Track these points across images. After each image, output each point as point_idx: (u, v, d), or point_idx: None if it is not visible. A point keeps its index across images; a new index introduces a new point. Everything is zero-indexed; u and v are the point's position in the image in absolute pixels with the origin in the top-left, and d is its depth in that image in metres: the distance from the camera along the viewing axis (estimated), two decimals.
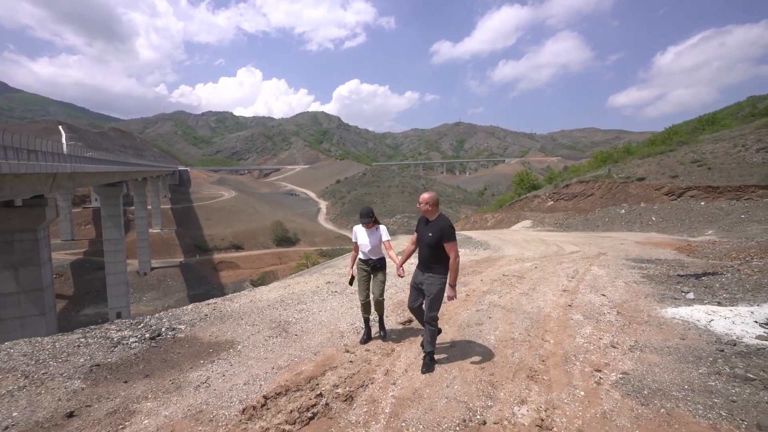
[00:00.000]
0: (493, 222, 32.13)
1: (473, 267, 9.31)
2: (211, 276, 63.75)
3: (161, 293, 56.47)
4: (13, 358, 3.37)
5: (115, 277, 46.02)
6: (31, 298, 23.53)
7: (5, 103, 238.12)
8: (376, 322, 4.51)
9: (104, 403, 2.81)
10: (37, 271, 23.59)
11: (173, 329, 4.21)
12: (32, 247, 23.52)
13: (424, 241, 3.64)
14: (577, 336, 4.27)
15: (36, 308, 23.58)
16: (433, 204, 3.63)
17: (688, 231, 17.71)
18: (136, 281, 56.83)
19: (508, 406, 2.82)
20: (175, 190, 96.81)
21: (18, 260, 23.10)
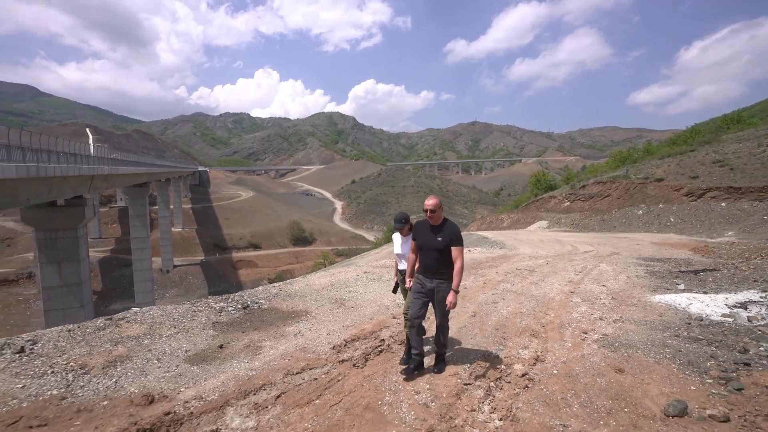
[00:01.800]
0: (509, 222, 32.68)
1: (489, 262, 10.34)
2: (230, 274, 65.38)
3: (183, 290, 58.36)
4: (155, 317, 4.65)
5: (141, 273, 48.16)
6: (72, 292, 25.33)
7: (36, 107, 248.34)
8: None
9: (238, 342, 4.05)
10: (77, 267, 25.39)
11: (257, 303, 5.45)
12: (73, 244, 25.32)
13: (431, 246, 3.52)
14: (573, 312, 5.34)
15: (76, 301, 25.39)
16: (439, 209, 3.56)
17: (707, 232, 17.75)
18: (159, 278, 58.93)
19: (515, 350, 3.97)
20: (195, 190, 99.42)
21: (61, 256, 24.92)
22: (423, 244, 3.59)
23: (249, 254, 71.22)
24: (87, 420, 2.53)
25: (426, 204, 3.59)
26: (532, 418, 2.73)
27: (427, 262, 3.57)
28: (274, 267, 68.76)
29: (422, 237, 3.62)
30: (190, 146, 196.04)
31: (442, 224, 3.58)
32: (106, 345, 3.89)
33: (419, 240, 3.64)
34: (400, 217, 4.01)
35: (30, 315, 44.98)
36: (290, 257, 72.42)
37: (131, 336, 4.15)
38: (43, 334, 4.09)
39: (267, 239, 76.67)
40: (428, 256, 3.55)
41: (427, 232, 3.60)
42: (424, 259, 3.60)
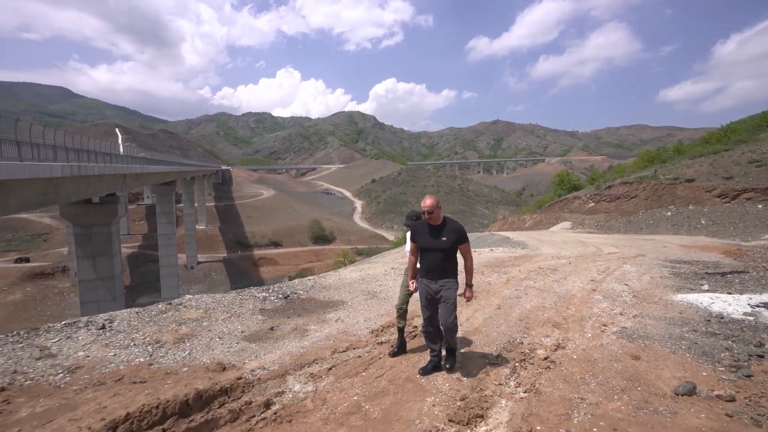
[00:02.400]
0: (531, 223, 32.47)
1: (512, 261, 10.60)
2: (251, 271, 66.67)
3: (207, 286, 59.94)
4: (208, 303, 5.22)
5: (167, 269, 49.78)
6: (105, 285, 26.64)
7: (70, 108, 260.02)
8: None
9: (285, 326, 4.56)
10: (110, 261, 26.69)
11: (296, 293, 5.97)
12: (107, 240, 26.61)
13: (435, 247, 3.41)
14: (594, 307, 5.62)
15: (109, 294, 26.69)
16: (437, 208, 3.44)
17: (741, 235, 17.25)
18: (184, 274, 60.77)
19: (538, 338, 4.32)
20: (218, 189, 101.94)
21: (95, 251, 26.25)
22: (426, 246, 3.47)
23: (270, 252, 72.48)
24: (176, 380, 3.04)
25: (423, 205, 3.46)
26: (554, 391, 3.09)
27: (431, 264, 3.46)
28: (294, 265, 69.79)
29: (423, 239, 3.48)
30: (214, 145, 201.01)
31: (443, 224, 3.47)
32: (171, 325, 4.45)
33: (421, 242, 3.51)
34: (411, 214, 3.92)
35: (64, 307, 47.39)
36: (310, 255, 73.40)
37: (191, 318, 4.70)
38: (117, 315, 4.69)
39: (288, 237, 77.99)
40: (433, 258, 3.44)
41: (428, 233, 3.46)
42: (427, 261, 3.49)
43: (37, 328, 4.17)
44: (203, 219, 77.26)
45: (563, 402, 2.93)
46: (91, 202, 26.12)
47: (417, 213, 3.85)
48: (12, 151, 14.56)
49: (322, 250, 75.15)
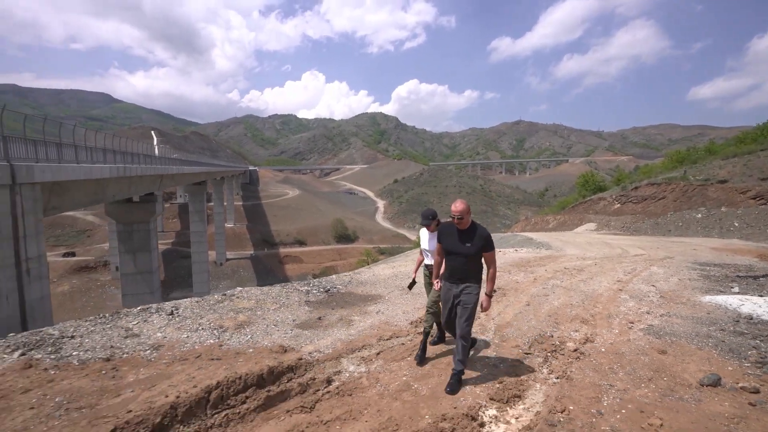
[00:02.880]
0: (554, 224, 32.20)
1: (537, 262, 10.74)
2: (277, 269, 68.18)
3: (235, 282, 61.71)
4: (258, 295, 5.73)
5: (199, 265, 51.57)
6: (144, 279, 28.12)
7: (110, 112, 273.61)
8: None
9: (331, 316, 5.01)
10: (149, 256, 28.16)
11: (335, 288, 6.42)
12: (146, 236, 28.07)
13: (459, 251, 3.40)
14: (621, 306, 5.81)
15: (148, 287, 28.16)
16: (467, 214, 3.41)
17: None
18: (213, 270, 62.73)
19: (567, 332, 4.60)
20: (245, 189, 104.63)
21: (135, 247, 27.74)
22: (451, 249, 3.47)
23: (295, 250, 73.87)
24: (246, 359, 3.50)
25: (453, 209, 3.43)
26: (584, 378, 3.38)
27: (454, 268, 3.47)
28: (318, 263, 70.94)
29: (449, 242, 3.47)
30: (241, 146, 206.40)
31: (470, 229, 3.43)
32: (230, 313, 4.96)
33: (446, 245, 3.50)
34: (427, 213, 4.01)
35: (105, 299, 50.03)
36: (334, 254, 74.43)
37: (245, 308, 5.21)
38: (181, 303, 5.24)
39: (312, 236, 79.32)
40: (455, 262, 3.45)
41: (455, 236, 3.45)
42: (450, 265, 3.50)
43: (118, 312, 4.76)
44: (231, 217, 79.53)
45: (593, 387, 3.22)
46: (131, 201, 27.56)
47: (433, 212, 4.00)
48: (70, 155, 15.76)
49: (345, 249, 76.07)
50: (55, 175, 14.47)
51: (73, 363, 3.37)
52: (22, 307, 12.98)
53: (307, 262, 71.87)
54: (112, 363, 3.33)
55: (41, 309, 13.93)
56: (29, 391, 2.80)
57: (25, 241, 12.93)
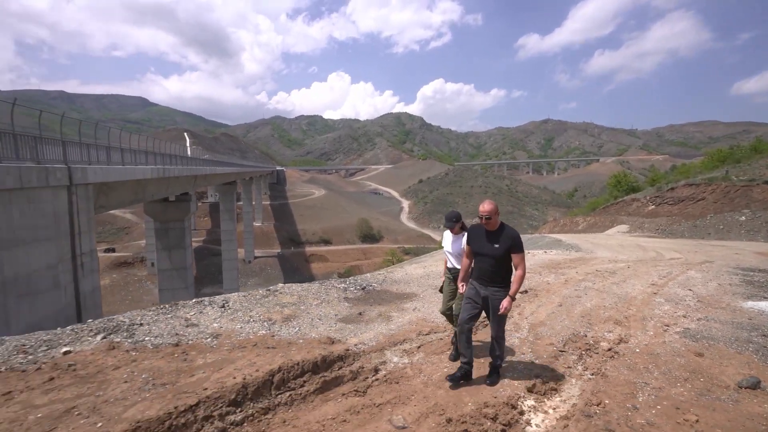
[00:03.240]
0: (584, 226, 31.50)
1: (567, 264, 10.67)
2: (303, 267, 69.35)
3: (263, 280, 63.14)
4: (299, 291, 6.10)
5: (229, 263, 53.20)
6: (179, 275, 29.40)
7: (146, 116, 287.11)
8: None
9: (371, 312, 5.31)
10: (184, 253, 29.43)
11: (371, 285, 6.72)
12: (181, 234, 29.35)
13: (487, 253, 3.38)
14: (656, 309, 5.81)
15: (182, 282, 29.44)
16: (495, 214, 3.39)
17: None
18: (242, 268, 64.37)
19: (600, 332, 4.70)
20: (273, 188, 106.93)
21: (171, 244, 29.05)
22: (478, 251, 3.46)
23: (320, 249, 74.87)
24: (298, 348, 3.83)
25: (481, 210, 3.42)
26: (619, 376, 3.51)
27: (482, 269, 3.45)
28: (343, 262, 71.70)
29: (477, 243, 3.47)
30: (269, 147, 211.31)
31: (499, 230, 3.41)
32: (276, 307, 5.33)
33: (474, 246, 3.50)
34: (450, 215, 3.96)
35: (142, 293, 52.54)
36: (359, 253, 75.04)
37: (289, 302, 5.57)
38: (229, 297, 5.66)
39: (337, 235, 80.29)
40: (484, 263, 3.43)
41: (483, 238, 3.44)
42: (479, 266, 3.49)
43: (176, 304, 5.21)
44: (259, 216, 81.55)
45: (628, 384, 3.35)
46: (167, 201, 28.87)
47: (456, 214, 3.95)
48: (117, 157, 16.81)
49: (370, 249, 76.59)
50: (104, 176, 15.47)
51: (148, 346, 3.79)
52: (77, 298, 13.96)
53: (332, 261, 72.76)
54: (180, 348, 3.73)
55: (93, 300, 14.93)
56: (119, 368, 3.21)
57: (80, 237, 13.89)
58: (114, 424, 2.39)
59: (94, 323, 4.40)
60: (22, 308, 11.05)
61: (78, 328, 4.26)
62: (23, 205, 11.18)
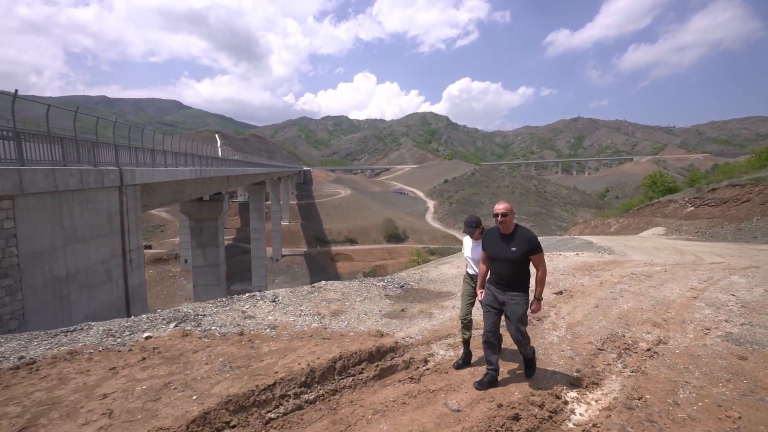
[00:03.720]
0: (617, 227, 30.65)
1: (601, 266, 10.56)
2: (329, 266, 70.31)
3: (289, 277, 64.51)
4: (342, 288, 6.47)
5: (257, 260, 54.67)
6: (212, 271, 30.60)
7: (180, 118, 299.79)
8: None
9: (412, 308, 5.61)
10: (217, 251, 30.60)
11: (408, 284, 7.01)
12: (214, 233, 30.52)
13: (504, 257, 3.32)
14: (696, 313, 5.80)
15: (215, 279, 30.62)
16: (510, 213, 3.35)
17: None
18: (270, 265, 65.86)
19: (639, 333, 4.80)
20: (299, 188, 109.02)
21: (205, 242, 30.26)
22: (495, 255, 3.40)
23: (346, 248, 75.58)
24: (352, 339, 4.16)
25: (496, 208, 3.39)
26: (659, 374, 3.65)
27: (499, 274, 3.39)
28: (368, 262, 72.23)
29: (493, 247, 3.43)
30: (296, 147, 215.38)
31: (513, 232, 3.37)
32: (323, 302, 5.70)
33: (490, 251, 3.45)
34: (470, 220, 3.89)
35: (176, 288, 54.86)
36: (384, 253, 75.41)
37: (334, 299, 5.93)
38: (278, 293, 6.08)
39: (362, 235, 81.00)
40: (501, 268, 3.37)
41: (498, 241, 3.40)
42: (496, 271, 3.42)
43: (231, 298, 5.67)
44: (287, 216, 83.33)
45: (669, 382, 3.48)
46: (202, 200, 30.10)
47: (476, 219, 3.87)
48: (160, 159, 17.82)
49: (396, 249, 76.83)
50: (149, 177, 16.44)
51: (216, 334, 4.22)
52: (126, 291, 14.93)
53: (357, 260, 73.38)
54: (245, 337, 4.14)
55: (139, 293, 15.91)
56: (197, 352, 3.64)
57: (129, 234, 14.85)
58: (206, 398, 2.78)
59: (163, 313, 4.89)
60: (82, 299, 11.98)
61: (152, 316, 4.75)
62: (83, 205, 12.11)
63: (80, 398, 2.75)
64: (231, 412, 2.58)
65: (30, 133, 10.70)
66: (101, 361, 3.41)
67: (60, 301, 11.11)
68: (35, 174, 9.88)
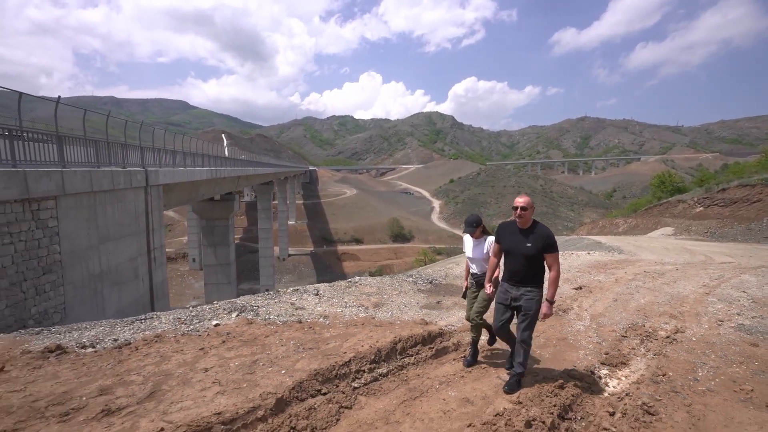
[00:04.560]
0: (625, 227, 30.80)
1: (614, 265, 10.94)
2: (335, 265, 70.38)
3: (296, 277, 64.74)
4: (376, 283, 6.97)
5: (265, 260, 54.92)
6: (223, 270, 31.08)
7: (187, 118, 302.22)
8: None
9: (446, 301, 6.11)
10: (227, 250, 31.08)
11: (437, 280, 7.50)
12: (225, 232, 31.00)
13: (518, 252, 3.27)
14: (709, 307, 6.23)
15: (226, 278, 31.11)
16: (531, 208, 3.27)
17: None
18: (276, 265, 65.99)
19: (657, 324, 5.25)
20: (305, 188, 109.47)
21: (217, 241, 30.74)
22: (510, 249, 3.34)
23: (352, 248, 75.69)
24: (400, 327, 4.65)
25: (516, 201, 3.30)
26: (678, 356, 4.11)
27: (513, 269, 3.33)
28: (374, 261, 72.17)
29: (509, 241, 3.35)
30: (301, 147, 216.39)
31: (531, 227, 3.30)
32: (362, 296, 6.19)
33: (505, 244, 3.38)
34: (471, 219, 3.85)
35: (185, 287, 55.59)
36: (390, 253, 75.50)
37: (371, 292, 6.42)
38: (318, 287, 6.58)
39: (368, 234, 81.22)
40: (515, 263, 3.31)
41: (516, 235, 3.32)
42: (510, 266, 3.37)
43: (277, 291, 6.18)
44: (293, 215, 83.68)
45: (688, 363, 3.94)
46: (213, 200, 30.58)
47: (477, 218, 3.82)
48: (180, 160, 18.41)
49: (401, 248, 76.96)
50: (171, 177, 16.99)
51: (278, 322, 4.72)
52: (150, 288, 15.50)
53: (363, 260, 73.38)
54: (305, 324, 4.63)
55: (162, 290, 16.46)
56: (268, 336, 4.14)
57: (153, 233, 15.40)
58: (294, 372, 3.27)
59: (221, 304, 5.41)
60: (113, 295, 12.55)
61: (213, 307, 5.27)
62: (114, 205, 12.66)
63: (186, 371, 3.26)
64: (320, 383, 3.08)
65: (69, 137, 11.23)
66: (188, 342, 3.91)
67: (94, 296, 11.65)
68: (74, 175, 10.39)
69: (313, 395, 2.94)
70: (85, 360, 3.40)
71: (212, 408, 2.59)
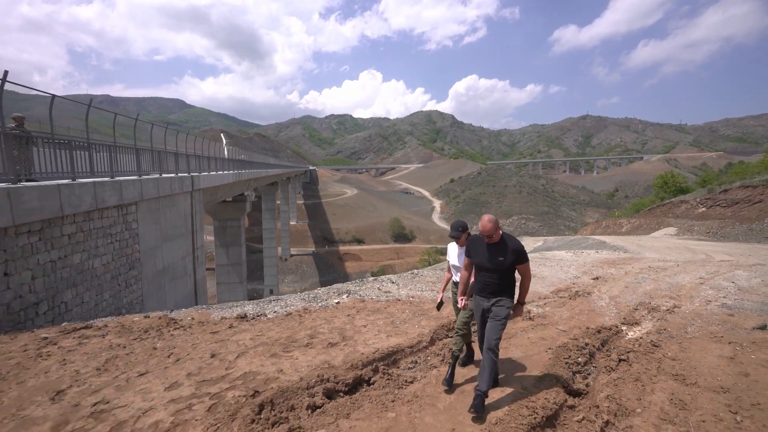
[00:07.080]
0: (628, 228, 31.32)
1: (621, 261, 12.34)
2: (337, 265, 69.28)
3: (299, 277, 64.41)
4: (396, 279, 8.63)
5: (269, 260, 54.55)
6: (235, 270, 31.89)
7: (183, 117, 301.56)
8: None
9: None
10: (239, 250, 31.86)
11: None
12: (237, 232, 31.81)
13: (492, 267, 3.32)
14: (702, 292, 7.99)
15: (237, 277, 31.93)
16: (496, 230, 3.32)
17: None
18: (279, 265, 65.68)
19: (660, 302, 7.03)
20: (306, 188, 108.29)
21: (229, 241, 31.43)
22: (482, 263, 3.40)
23: (353, 248, 75.36)
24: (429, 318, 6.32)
25: (481, 230, 3.34)
26: (675, 320, 5.88)
27: (486, 282, 3.39)
28: (376, 261, 70.97)
29: (480, 256, 3.40)
30: (300, 146, 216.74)
31: (501, 242, 3.34)
32: (428, 283, 7.89)
33: (477, 259, 3.43)
34: (456, 225, 3.79)
35: None
36: (391, 253, 74.67)
37: (433, 281, 8.08)
38: (391, 277, 8.25)
39: (369, 234, 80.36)
40: (488, 277, 3.37)
41: (485, 250, 3.37)
42: (482, 280, 3.42)
43: (361, 280, 7.88)
44: (294, 215, 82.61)
45: (681, 324, 5.74)
46: (225, 201, 31.36)
47: (463, 224, 3.79)
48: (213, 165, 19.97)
49: (403, 248, 76.41)
50: (208, 182, 18.42)
51: (382, 300, 6.40)
52: (194, 283, 16.98)
53: (365, 260, 72.04)
54: (405, 301, 6.31)
55: (202, 286, 17.92)
56: (387, 307, 5.83)
57: (196, 234, 16.81)
58: (423, 326, 4.94)
59: (330, 289, 7.07)
60: (171, 290, 14.09)
61: (323, 290, 6.97)
62: (171, 208, 14.16)
63: (351, 327, 4.92)
64: (446, 331, 4.75)
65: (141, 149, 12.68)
66: (332, 312, 5.57)
67: (159, 290, 13.21)
68: (148, 183, 11.91)
69: (442, 338, 4.60)
70: (275, 321, 5.03)
71: (391, 343, 4.24)
